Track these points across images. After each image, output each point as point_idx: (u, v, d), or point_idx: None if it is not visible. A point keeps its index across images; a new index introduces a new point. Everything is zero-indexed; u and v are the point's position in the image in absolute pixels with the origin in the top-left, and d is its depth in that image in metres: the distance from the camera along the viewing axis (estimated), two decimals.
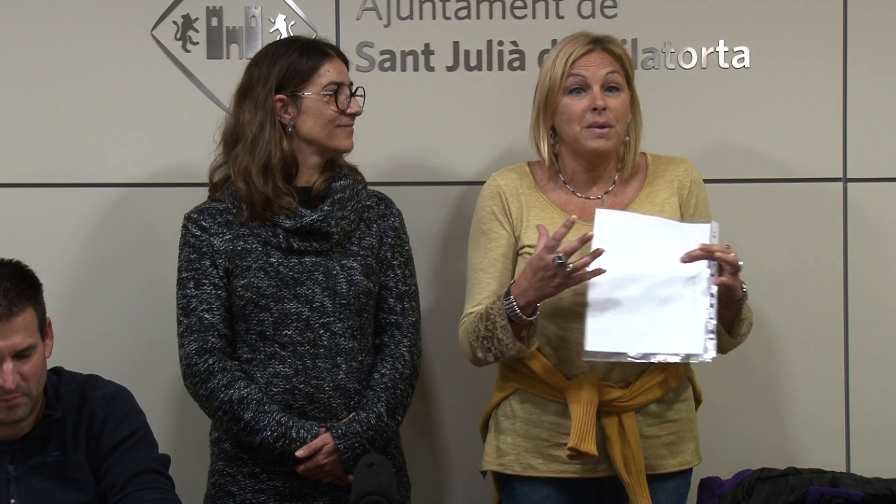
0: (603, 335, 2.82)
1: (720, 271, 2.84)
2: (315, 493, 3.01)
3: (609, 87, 2.98)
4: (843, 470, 3.43)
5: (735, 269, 2.84)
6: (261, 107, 3.02)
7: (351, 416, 3.02)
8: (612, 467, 2.94)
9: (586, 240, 2.80)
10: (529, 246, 2.99)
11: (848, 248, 3.47)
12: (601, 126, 2.96)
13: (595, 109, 2.95)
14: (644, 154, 3.11)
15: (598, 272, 2.79)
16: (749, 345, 3.23)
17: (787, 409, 3.49)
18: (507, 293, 2.87)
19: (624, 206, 3.02)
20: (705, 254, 2.83)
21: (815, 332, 3.48)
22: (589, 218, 3.01)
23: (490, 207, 3.06)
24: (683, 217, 3.03)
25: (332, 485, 3.01)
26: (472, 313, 2.99)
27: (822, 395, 3.49)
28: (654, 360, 2.85)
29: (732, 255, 2.84)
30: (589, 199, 3.05)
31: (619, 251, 2.82)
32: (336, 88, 3.02)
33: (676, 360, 2.86)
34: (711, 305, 2.82)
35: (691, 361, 2.88)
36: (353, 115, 3.05)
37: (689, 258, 2.83)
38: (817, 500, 3.12)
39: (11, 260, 2.77)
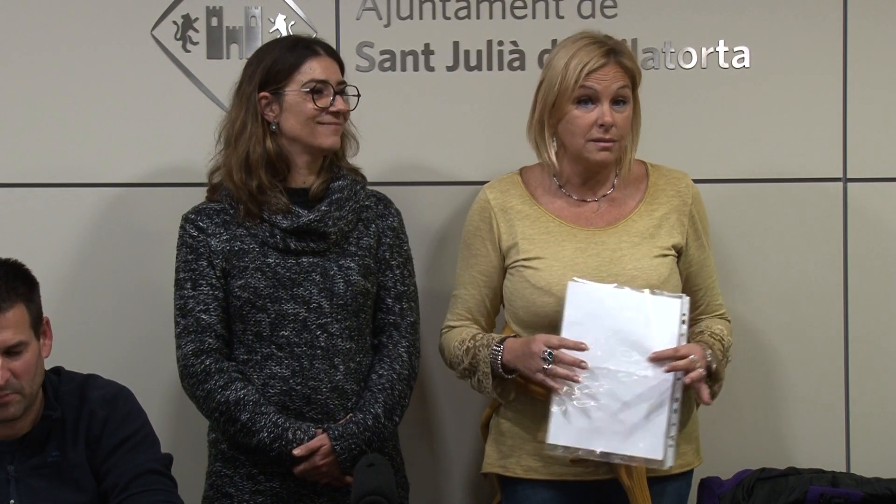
0: (566, 429, 2.84)
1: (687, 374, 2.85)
2: (312, 494, 3.01)
3: (617, 101, 2.96)
4: (843, 470, 3.42)
5: (700, 378, 2.85)
6: (245, 103, 3.03)
7: (348, 416, 3.01)
8: (613, 471, 2.94)
9: (579, 364, 2.81)
10: (524, 260, 3.00)
11: (848, 248, 3.47)
12: (606, 141, 2.95)
13: (602, 125, 2.94)
14: (643, 163, 3.10)
15: (573, 378, 2.82)
16: (749, 345, 3.24)
17: (787, 409, 3.49)
18: (501, 342, 2.93)
19: (623, 217, 3.02)
20: (672, 359, 2.83)
21: (815, 332, 3.48)
22: (583, 223, 3.01)
23: (476, 223, 3.07)
24: (687, 237, 3.04)
25: (330, 486, 3.00)
26: (453, 328, 3.07)
27: (822, 396, 3.49)
28: (613, 460, 2.87)
29: (697, 371, 2.84)
30: (585, 202, 3.04)
31: (588, 334, 2.83)
32: (315, 86, 3.00)
33: (635, 463, 2.88)
34: (675, 411, 2.84)
35: (649, 466, 2.89)
36: (337, 114, 3.02)
37: (657, 359, 2.84)
38: (817, 500, 3.12)
39: (9, 259, 2.77)
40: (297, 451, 2.94)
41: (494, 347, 2.93)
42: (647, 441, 2.84)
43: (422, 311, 3.17)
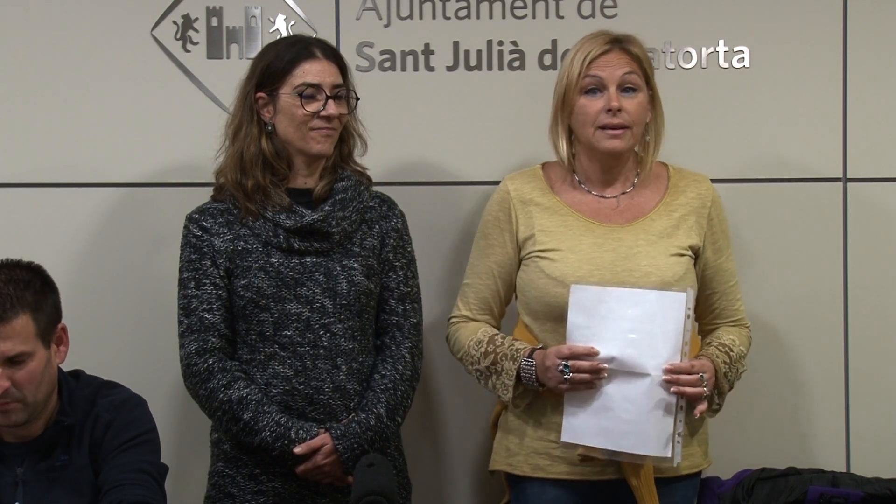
0: (577, 429, 2.88)
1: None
2: (314, 494, 3.00)
3: (626, 88, 2.96)
4: (843, 470, 3.43)
5: (698, 396, 2.87)
6: (243, 102, 3.03)
7: (350, 416, 3.01)
8: (621, 471, 2.94)
9: (599, 368, 2.83)
10: (540, 251, 2.99)
11: (848, 248, 3.47)
12: (615, 127, 2.94)
13: (609, 111, 2.94)
14: (665, 164, 3.10)
15: (596, 382, 2.84)
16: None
17: (787, 409, 3.49)
18: (530, 355, 2.93)
19: (642, 214, 3.02)
20: (686, 373, 2.83)
21: (815, 332, 3.48)
22: (602, 219, 3.01)
23: (495, 213, 3.06)
24: (704, 239, 3.04)
25: (332, 486, 2.99)
26: (470, 320, 3.06)
27: (822, 396, 3.49)
28: (623, 458, 2.89)
29: (697, 390, 2.84)
30: (604, 198, 3.04)
31: (594, 336, 2.85)
32: (305, 89, 2.99)
33: (644, 461, 2.89)
34: (681, 408, 2.86)
35: (658, 465, 2.91)
36: (329, 119, 3.00)
37: (672, 371, 2.82)
38: (817, 500, 3.12)
39: (31, 263, 2.76)
40: (297, 450, 2.94)
41: (525, 361, 2.93)
42: (655, 440, 2.84)
43: (426, 311, 3.16)
